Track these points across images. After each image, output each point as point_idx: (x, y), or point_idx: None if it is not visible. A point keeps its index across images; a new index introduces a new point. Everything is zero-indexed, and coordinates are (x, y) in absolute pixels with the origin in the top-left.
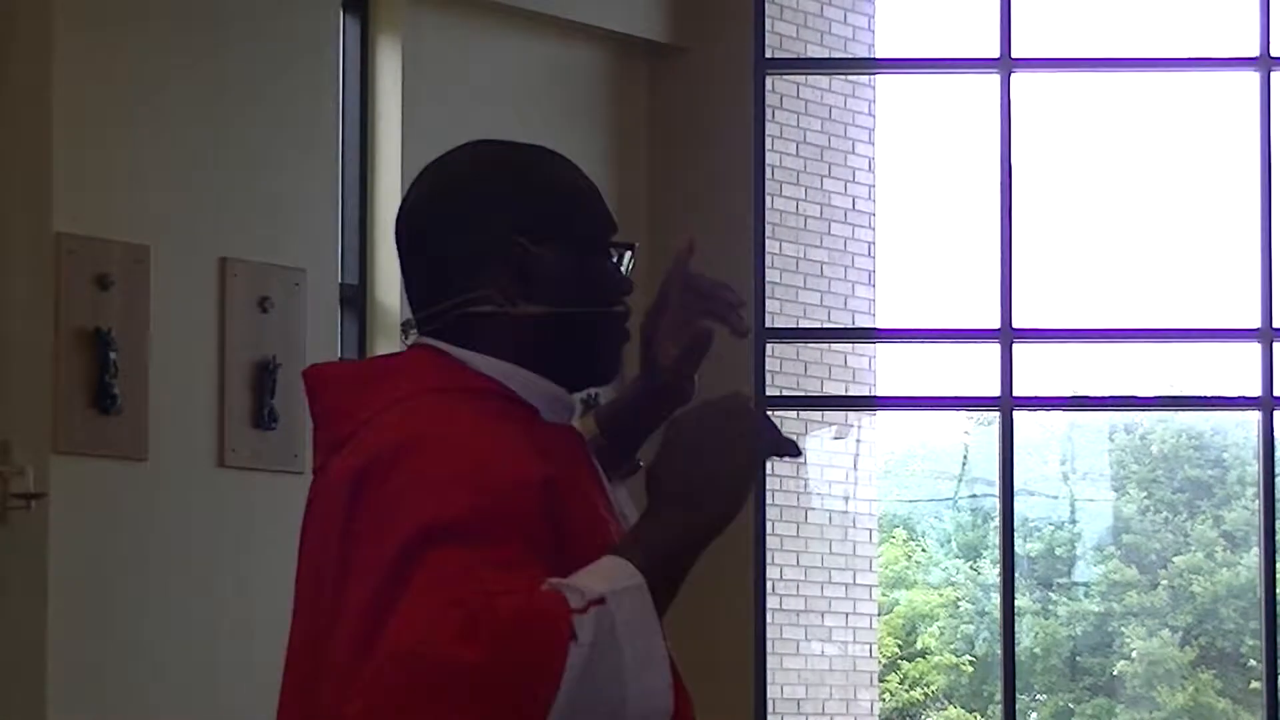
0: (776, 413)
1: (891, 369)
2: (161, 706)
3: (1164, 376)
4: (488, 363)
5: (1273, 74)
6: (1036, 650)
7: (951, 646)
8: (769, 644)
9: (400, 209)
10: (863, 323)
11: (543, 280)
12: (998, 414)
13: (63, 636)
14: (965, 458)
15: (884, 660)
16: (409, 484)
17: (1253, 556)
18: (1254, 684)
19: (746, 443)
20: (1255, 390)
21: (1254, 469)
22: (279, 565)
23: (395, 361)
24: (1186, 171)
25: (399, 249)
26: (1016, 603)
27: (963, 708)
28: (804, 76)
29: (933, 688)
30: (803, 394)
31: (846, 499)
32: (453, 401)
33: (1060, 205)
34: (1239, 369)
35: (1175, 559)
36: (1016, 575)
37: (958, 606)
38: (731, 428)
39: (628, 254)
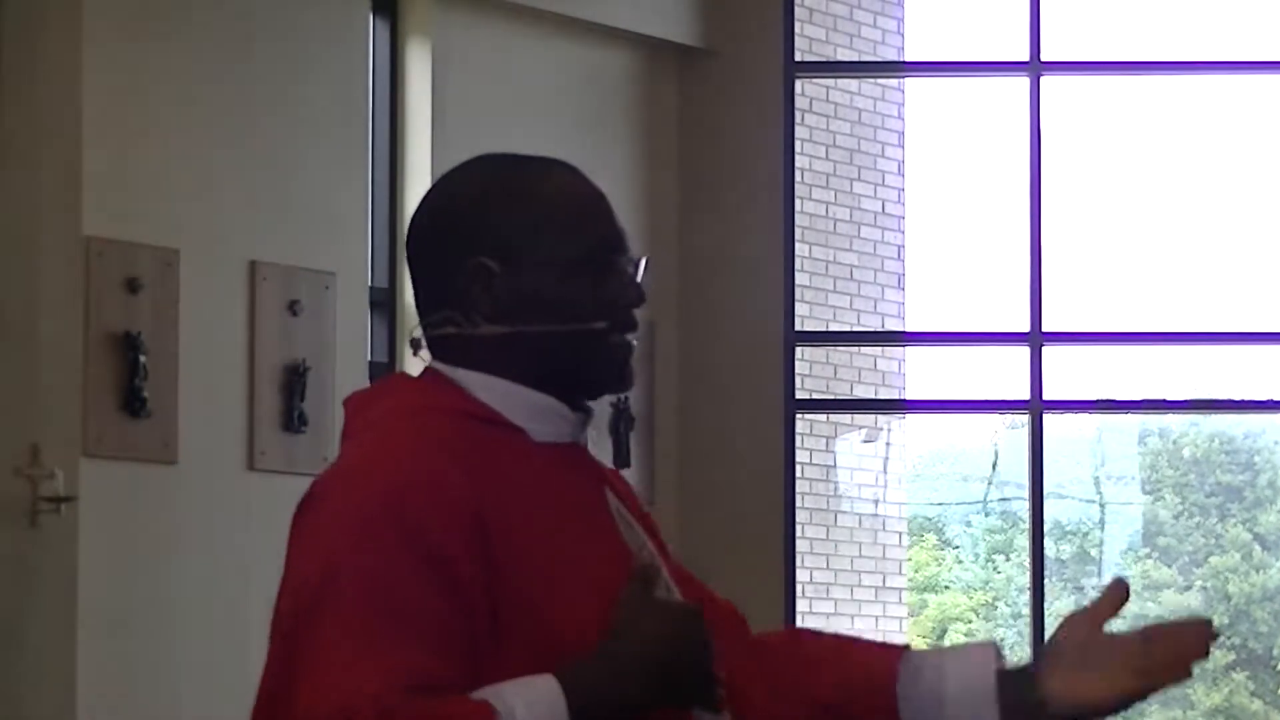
0: (806, 416)
1: (921, 372)
2: (190, 710)
3: (1195, 379)
4: (479, 381)
5: None
6: None
7: None
8: None
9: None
10: (892, 326)
11: (509, 301)
12: (1027, 417)
13: (92, 639)
14: (995, 461)
15: None
16: (318, 528)
17: None
18: None
19: (689, 672)
20: None
21: None
22: None
23: (390, 382)
24: (1216, 174)
25: None
26: (1050, 605)
27: None
28: (834, 80)
29: None
30: (832, 397)
31: (876, 502)
32: (410, 425)
33: (1090, 208)
34: (1270, 372)
35: (1210, 560)
36: (1047, 578)
37: (989, 609)
38: (687, 652)
39: (635, 265)
